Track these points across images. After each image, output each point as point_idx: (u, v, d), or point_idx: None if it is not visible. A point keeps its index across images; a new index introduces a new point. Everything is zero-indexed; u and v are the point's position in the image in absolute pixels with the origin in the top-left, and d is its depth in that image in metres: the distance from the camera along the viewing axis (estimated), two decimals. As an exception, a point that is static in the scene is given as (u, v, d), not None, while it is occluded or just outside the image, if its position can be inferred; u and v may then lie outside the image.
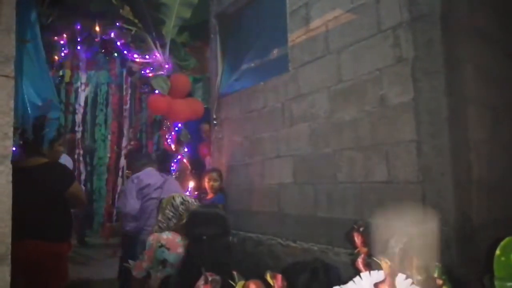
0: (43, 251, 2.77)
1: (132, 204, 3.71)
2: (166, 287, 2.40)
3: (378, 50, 2.76)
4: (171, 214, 2.64)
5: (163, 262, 2.47)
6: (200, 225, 2.36)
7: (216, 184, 4.20)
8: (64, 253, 3.03)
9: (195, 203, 2.70)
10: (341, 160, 3.03)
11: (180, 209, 2.63)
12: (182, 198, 2.69)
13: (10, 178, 1.47)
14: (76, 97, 6.46)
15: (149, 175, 3.89)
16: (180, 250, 2.50)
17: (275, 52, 3.90)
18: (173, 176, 4.22)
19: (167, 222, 2.64)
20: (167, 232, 2.57)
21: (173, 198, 2.71)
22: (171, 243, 2.51)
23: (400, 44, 2.62)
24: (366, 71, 2.85)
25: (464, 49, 2.49)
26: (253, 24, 4.23)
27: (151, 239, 2.56)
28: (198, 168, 5.01)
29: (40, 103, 2.95)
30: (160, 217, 2.72)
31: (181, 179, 4.73)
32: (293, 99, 3.52)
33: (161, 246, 2.49)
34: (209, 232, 2.31)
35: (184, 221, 2.58)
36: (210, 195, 4.23)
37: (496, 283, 0.77)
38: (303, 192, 3.36)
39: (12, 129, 1.51)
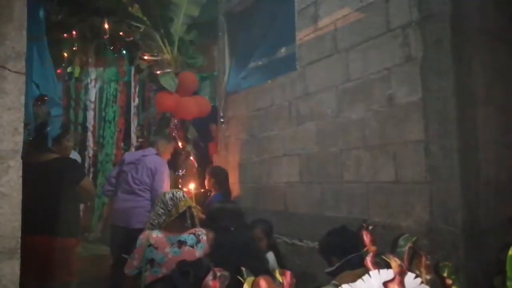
0: (53, 246, 2.79)
1: (112, 171, 4.51)
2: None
3: (387, 49, 2.75)
4: (161, 210, 2.64)
5: (151, 262, 2.48)
6: (226, 218, 2.42)
7: (213, 183, 4.12)
8: (72, 248, 3.05)
9: (183, 198, 2.68)
10: (348, 159, 3.02)
11: (169, 205, 2.62)
12: (172, 194, 2.68)
13: (21, 173, 1.48)
14: (86, 94, 6.51)
15: (132, 153, 4.64)
16: (168, 249, 2.51)
17: (283, 51, 3.90)
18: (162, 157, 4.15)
19: (158, 219, 2.65)
20: (157, 231, 2.57)
21: (164, 194, 2.71)
22: (159, 242, 2.51)
23: (409, 43, 2.60)
24: (375, 70, 2.84)
25: (473, 48, 2.48)
26: (261, 23, 4.23)
27: (141, 237, 2.56)
28: (205, 166, 5.01)
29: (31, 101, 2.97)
30: (152, 214, 2.73)
31: (188, 177, 4.74)
32: (300, 97, 3.52)
33: (150, 245, 2.50)
34: (235, 224, 2.38)
35: (173, 217, 2.59)
36: (213, 193, 4.22)
37: (509, 283, 0.76)
38: (310, 191, 3.36)
39: (22, 124, 1.53)
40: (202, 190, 4.57)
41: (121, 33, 4.84)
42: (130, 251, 2.62)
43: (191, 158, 4.93)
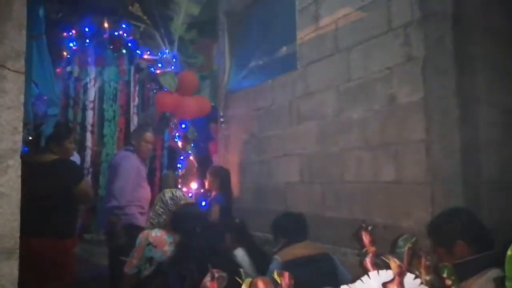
0: (50, 247, 2.78)
1: None
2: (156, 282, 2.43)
3: (388, 49, 2.74)
4: (161, 210, 2.65)
5: (150, 260, 2.49)
6: (190, 220, 2.39)
7: (214, 183, 4.11)
8: (70, 249, 3.04)
9: (183, 197, 2.69)
10: (349, 159, 3.02)
11: (169, 204, 2.63)
12: (172, 193, 2.69)
13: (20, 172, 1.47)
14: (85, 93, 6.49)
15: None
16: (167, 248, 2.51)
17: (284, 50, 3.88)
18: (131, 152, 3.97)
19: (157, 218, 2.66)
20: (156, 230, 2.58)
21: (163, 194, 2.72)
22: (159, 241, 2.52)
23: (411, 43, 2.59)
24: (376, 70, 2.83)
25: (475, 47, 2.46)
26: (262, 22, 4.23)
27: (141, 236, 2.57)
28: (205, 166, 5.01)
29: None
30: (151, 214, 2.74)
31: (187, 176, 4.74)
32: (301, 97, 3.51)
33: (149, 244, 2.50)
34: (200, 225, 2.36)
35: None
36: (213, 193, 4.21)
37: (508, 284, 0.76)
38: (310, 191, 3.35)
39: (21, 124, 1.52)
40: (201, 191, 4.57)
41: (120, 32, 4.83)
42: (113, 251, 2.63)
43: (191, 157, 4.92)
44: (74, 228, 3.16)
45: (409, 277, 0.84)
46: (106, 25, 4.79)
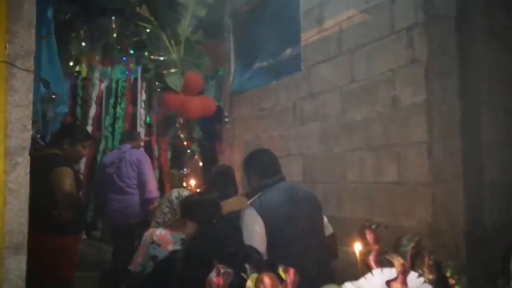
0: (48, 244, 2.70)
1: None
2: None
3: (392, 51, 2.75)
4: (167, 209, 2.66)
5: (154, 258, 2.49)
6: (206, 210, 2.32)
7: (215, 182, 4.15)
8: (68, 248, 2.92)
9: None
10: (351, 160, 3.03)
11: (175, 203, 2.64)
12: (178, 193, 2.70)
13: (28, 169, 1.50)
14: (93, 92, 6.53)
15: (110, 154, 4.63)
16: (171, 247, 2.51)
17: (288, 52, 3.91)
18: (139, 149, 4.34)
19: (163, 217, 2.66)
20: (161, 229, 2.58)
21: (170, 193, 2.73)
22: (163, 239, 2.52)
23: (414, 45, 2.61)
24: (379, 72, 2.84)
25: (478, 51, 2.47)
26: (267, 24, 4.25)
27: (146, 235, 2.58)
28: (211, 165, 5.03)
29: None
30: (157, 213, 2.75)
31: (192, 175, 4.77)
32: (304, 98, 3.53)
33: (153, 242, 2.51)
34: (217, 216, 2.29)
35: (178, 216, 2.59)
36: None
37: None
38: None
39: (30, 121, 1.55)
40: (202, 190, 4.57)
41: (128, 33, 4.88)
42: (129, 247, 2.64)
43: (196, 156, 4.95)
44: (73, 226, 3.06)
45: (412, 276, 0.86)
46: (113, 26, 4.83)
